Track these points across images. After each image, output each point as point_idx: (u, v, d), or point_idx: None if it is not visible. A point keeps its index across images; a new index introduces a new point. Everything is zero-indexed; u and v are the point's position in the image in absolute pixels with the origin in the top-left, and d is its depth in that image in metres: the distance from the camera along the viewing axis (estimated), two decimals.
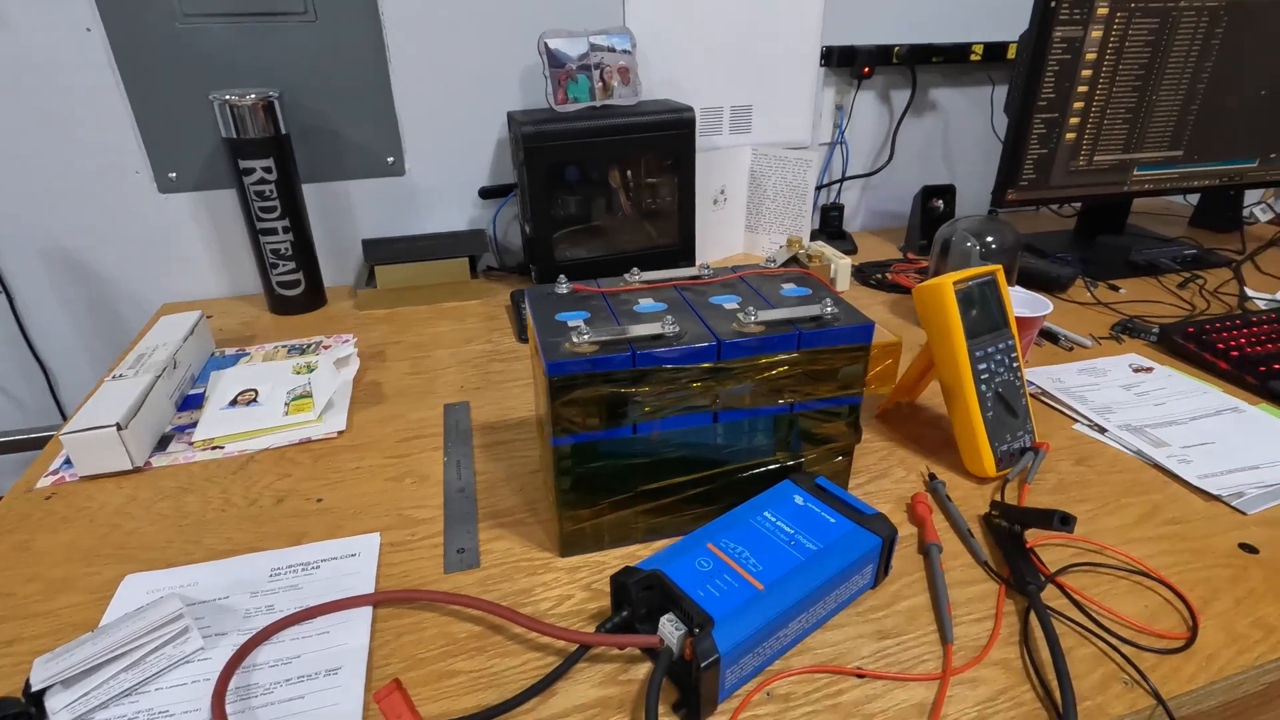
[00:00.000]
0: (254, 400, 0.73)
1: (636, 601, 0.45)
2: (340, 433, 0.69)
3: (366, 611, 0.48)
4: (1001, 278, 0.62)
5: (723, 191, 1.12)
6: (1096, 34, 0.92)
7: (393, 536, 0.56)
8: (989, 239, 0.85)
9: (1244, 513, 0.57)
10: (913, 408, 0.73)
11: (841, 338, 0.50)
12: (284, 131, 0.89)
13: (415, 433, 0.70)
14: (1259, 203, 1.60)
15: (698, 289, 0.57)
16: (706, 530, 0.49)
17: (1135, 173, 1.04)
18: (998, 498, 0.59)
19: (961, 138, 1.30)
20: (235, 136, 0.86)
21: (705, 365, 0.48)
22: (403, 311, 0.97)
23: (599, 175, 0.99)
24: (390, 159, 1.03)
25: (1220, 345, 0.79)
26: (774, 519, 0.49)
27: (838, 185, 1.25)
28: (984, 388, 0.60)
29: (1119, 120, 0.99)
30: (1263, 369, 0.75)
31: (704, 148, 1.15)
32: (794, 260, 0.61)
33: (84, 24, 0.86)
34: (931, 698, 0.42)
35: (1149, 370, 0.79)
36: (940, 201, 1.16)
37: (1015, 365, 0.62)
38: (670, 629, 0.42)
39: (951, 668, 0.44)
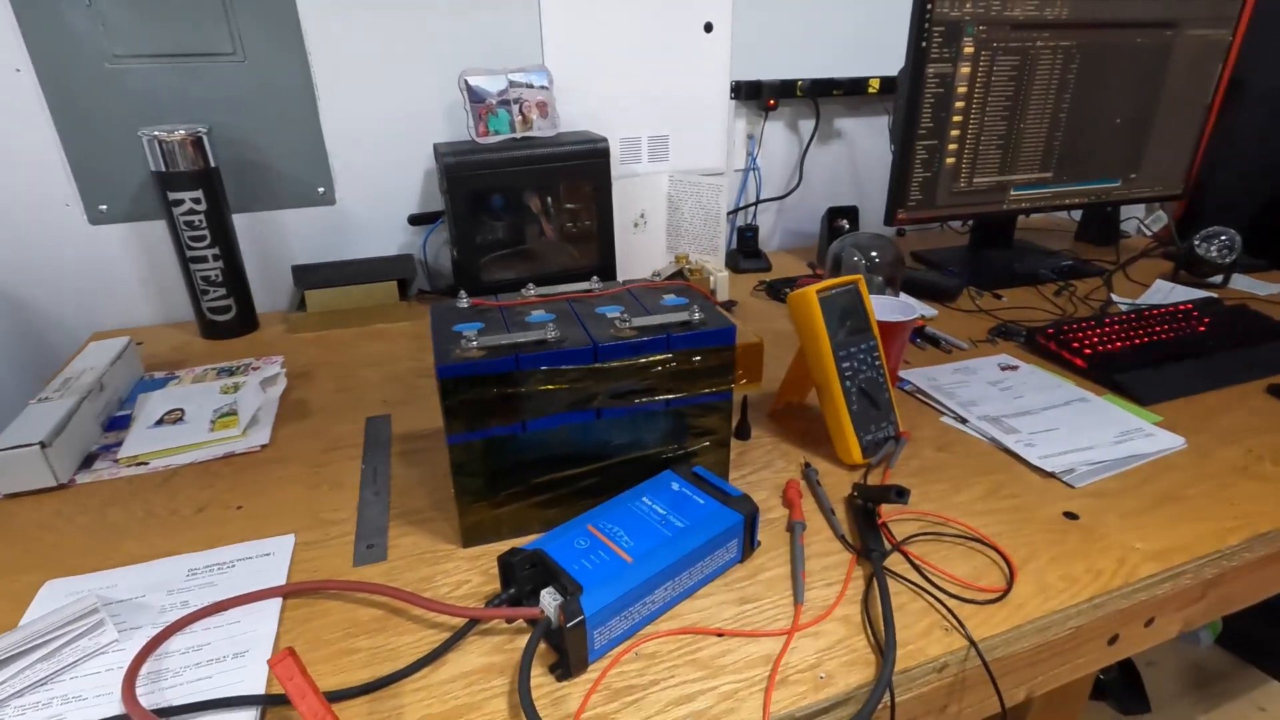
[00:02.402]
0: (180, 419, 0.77)
1: (521, 579, 0.50)
2: (264, 446, 0.73)
3: (276, 603, 0.52)
4: (863, 286, 0.70)
5: (642, 215, 1.19)
6: (965, 70, 1.03)
7: (307, 536, 0.60)
8: (874, 253, 0.93)
9: (1073, 486, 0.65)
10: (802, 407, 0.80)
11: (706, 340, 0.57)
12: (213, 164, 0.93)
13: (336, 445, 0.74)
14: (1146, 218, 1.75)
15: (588, 301, 0.63)
16: (589, 514, 0.54)
17: (1012, 193, 1.15)
18: (862, 481, 0.66)
19: (864, 162, 1.41)
20: (165, 170, 0.90)
21: (584, 367, 0.54)
22: (333, 334, 1.01)
23: (522, 202, 1.05)
24: (321, 189, 1.08)
25: (1075, 344, 0.89)
26: (650, 503, 0.55)
27: (753, 208, 1.34)
28: (849, 384, 0.67)
29: (993, 146, 1.10)
30: (1108, 364, 0.84)
31: (624, 175, 1.23)
32: (679, 274, 0.67)
33: (14, 65, 0.89)
34: (778, 649, 0.48)
35: (1015, 368, 0.87)
36: (845, 221, 1.26)
37: (878, 363, 0.70)
38: (549, 600, 0.47)
39: (798, 624, 0.50)
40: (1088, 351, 0.87)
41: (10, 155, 0.93)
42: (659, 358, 0.56)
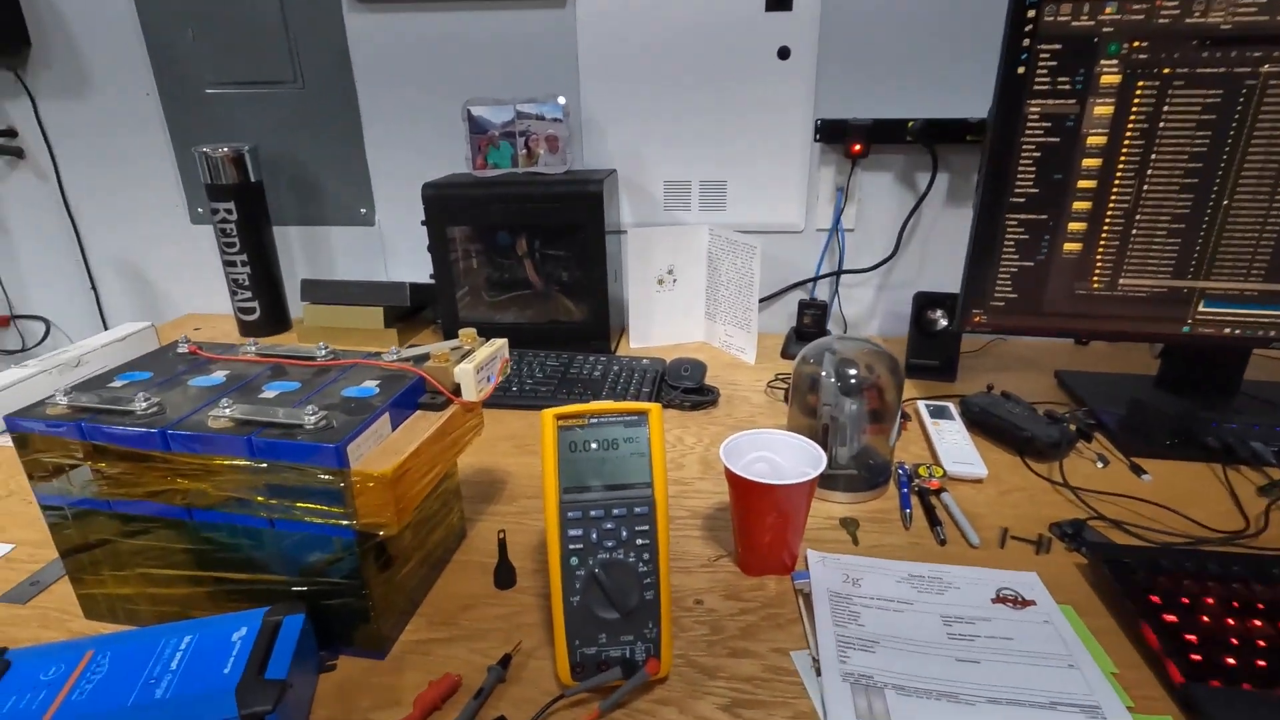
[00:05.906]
0: None
1: None
2: None
3: None
4: (656, 418, 0.46)
5: (670, 272, 1.01)
6: (1103, 110, 0.65)
7: None
8: (851, 372, 0.63)
9: None
10: None
11: (302, 454, 0.42)
12: (253, 179, 1.02)
13: None
14: None
15: (277, 368, 0.52)
16: (113, 637, 0.44)
17: (1201, 308, 0.70)
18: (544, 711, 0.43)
19: None
20: (210, 182, 1.01)
21: (155, 453, 0.44)
22: None
23: (507, 242, 0.97)
24: (363, 210, 1.12)
25: (1156, 596, 0.49)
26: (184, 646, 0.42)
27: (830, 279, 1.05)
28: (574, 560, 0.45)
29: (1161, 231, 0.68)
30: (1199, 657, 0.44)
31: (666, 222, 1.06)
32: (424, 357, 0.49)
33: (144, 90, 1.09)
34: None
35: (1025, 605, 0.51)
36: (940, 312, 0.90)
37: (645, 541, 0.45)
38: None
39: None
40: (1172, 619, 0.47)
41: (139, 163, 1.13)
42: (238, 463, 0.43)
